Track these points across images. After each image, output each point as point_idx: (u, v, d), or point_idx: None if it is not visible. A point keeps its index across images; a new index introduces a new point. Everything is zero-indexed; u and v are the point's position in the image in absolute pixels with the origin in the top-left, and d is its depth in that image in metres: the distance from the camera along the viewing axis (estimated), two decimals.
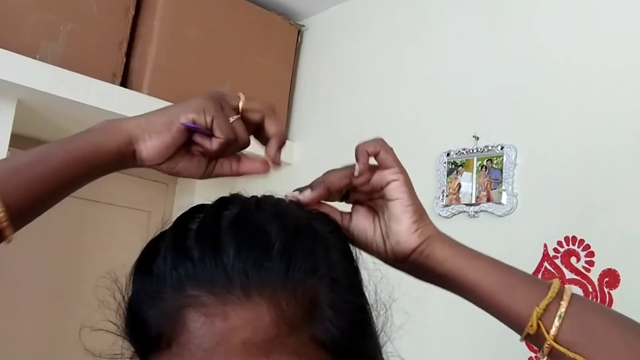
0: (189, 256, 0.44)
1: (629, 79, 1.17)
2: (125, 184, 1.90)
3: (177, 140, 0.57)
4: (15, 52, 1.34)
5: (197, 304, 0.42)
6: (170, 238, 0.47)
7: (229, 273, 0.43)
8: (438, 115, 1.48)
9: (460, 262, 0.55)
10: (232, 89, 1.73)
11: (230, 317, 0.42)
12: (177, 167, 0.59)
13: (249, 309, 0.42)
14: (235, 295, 0.42)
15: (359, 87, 1.71)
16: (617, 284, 1.09)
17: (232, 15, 1.74)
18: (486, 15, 1.45)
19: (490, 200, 1.31)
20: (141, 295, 0.46)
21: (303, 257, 0.45)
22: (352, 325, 0.46)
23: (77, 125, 1.72)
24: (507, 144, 1.32)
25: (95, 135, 0.55)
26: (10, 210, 0.48)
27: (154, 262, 0.46)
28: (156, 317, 0.44)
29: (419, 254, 0.55)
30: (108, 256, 1.80)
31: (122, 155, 0.56)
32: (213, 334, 0.41)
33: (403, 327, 0.57)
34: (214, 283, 0.42)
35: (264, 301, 0.42)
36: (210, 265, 0.43)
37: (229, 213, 0.48)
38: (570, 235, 1.18)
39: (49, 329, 1.70)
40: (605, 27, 1.23)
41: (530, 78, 1.32)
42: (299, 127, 1.85)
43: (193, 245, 0.45)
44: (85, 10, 1.50)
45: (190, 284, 0.43)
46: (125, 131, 0.56)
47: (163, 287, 0.44)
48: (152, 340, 0.44)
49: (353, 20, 1.79)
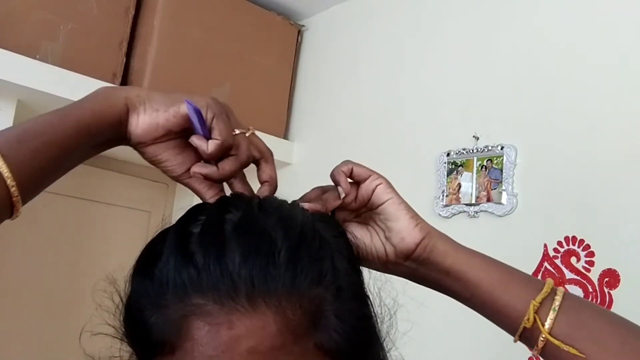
0: (192, 262, 0.43)
1: (629, 78, 1.17)
2: (125, 184, 1.90)
3: (170, 123, 0.53)
4: (15, 52, 1.34)
5: (202, 313, 0.42)
6: (173, 241, 0.46)
7: (234, 281, 0.42)
8: (438, 115, 1.48)
9: (461, 257, 0.55)
10: (232, 89, 1.73)
11: (236, 326, 0.41)
12: (161, 155, 0.55)
13: (254, 317, 0.42)
14: (240, 304, 0.42)
15: (359, 87, 1.71)
16: (617, 284, 1.09)
17: (232, 15, 1.74)
18: (486, 15, 1.45)
19: (490, 200, 1.31)
20: (142, 300, 0.45)
21: (309, 266, 0.44)
22: (357, 333, 0.46)
23: None
24: (507, 144, 1.31)
25: (96, 103, 0.53)
26: (19, 184, 0.46)
27: (155, 266, 0.45)
28: (159, 323, 0.43)
29: (423, 248, 0.55)
30: (108, 256, 1.80)
31: (120, 126, 0.53)
32: (218, 342, 0.41)
33: (407, 334, 0.57)
34: (218, 291, 0.42)
35: (270, 310, 0.42)
36: (215, 272, 0.43)
37: (232, 216, 0.47)
38: (570, 235, 1.18)
39: (48, 329, 1.70)
40: (605, 27, 1.23)
41: (530, 78, 1.32)
42: (299, 127, 1.85)
43: (196, 249, 0.44)
44: (85, 10, 1.50)
45: (194, 291, 0.42)
46: (124, 99, 0.53)
47: (166, 292, 0.43)
48: (154, 345, 0.44)
49: (353, 20, 1.79)
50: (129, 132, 0.54)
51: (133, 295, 0.47)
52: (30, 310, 1.68)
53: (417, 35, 1.60)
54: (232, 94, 1.72)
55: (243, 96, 1.75)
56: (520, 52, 1.36)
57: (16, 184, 0.45)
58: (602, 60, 1.22)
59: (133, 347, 0.47)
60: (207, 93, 1.73)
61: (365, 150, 1.58)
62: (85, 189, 1.80)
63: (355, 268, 0.51)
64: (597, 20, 1.24)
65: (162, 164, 0.56)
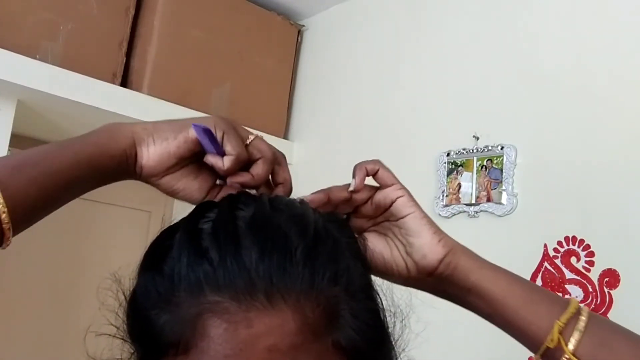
0: (207, 257, 0.42)
1: (629, 78, 1.17)
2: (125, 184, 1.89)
3: (182, 150, 0.53)
4: (15, 52, 1.34)
5: (219, 310, 0.41)
6: (183, 237, 0.45)
7: (252, 277, 0.41)
8: (438, 115, 1.48)
9: (486, 274, 0.54)
10: (232, 89, 1.73)
11: (254, 324, 0.40)
12: (176, 184, 0.54)
13: (273, 315, 0.41)
14: (258, 302, 0.41)
15: (359, 87, 1.71)
16: (617, 284, 1.09)
17: (232, 15, 1.74)
18: (486, 15, 1.45)
19: (490, 200, 1.31)
20: (151, 297, 0.44)
21: (326, 265, 0.44)
22: (371, 331, 0.46)
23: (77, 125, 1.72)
24: (507, 144, 1.32)
25: (99, 137, 0.52)
26: (12, 211, 0.45)
27: (165, 262, 0.44)
28: (171, 321, 0.42)
29: (446, 265, 0.54)
30: (108, 256, 1.80)
31: (125, 160, 0.52)
32: (237, 341, 0.40)
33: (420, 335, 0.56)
34: (235, 288, 0.41)
35: (289, 308, 0.41)
36: (231, 268, 0.41)
37: (244, 213, 0.46)
38: (570, 235, 1.18)
39: (49, 329, 1.70)
40: (605, 27, 1.23)
41: (530, 78, 1.32)
42: (299, 127, 1.85)
43: (210, 245, 0.43)
44: (85, 10, 1.49)
45: (210, 288, 0.41)
46: (130, 134, 0.53)
47: (178, 289, 0.42)
48: (164, 345, 0.42)
49: (353, 20, 1.79)
50: (139, 166, 0.53)
51: (140, 292, 0.46)
52: (30, 310, 1.68)
53: (417, 35, 1.60)
54: (232, 94, 1.72)
55: (243, 96, 1.75)
56: (521, 52, 1.36)
57: (8, 210, 0.44)
58: (602, 60, 1.22)
59: (137, 346, 0.46)
60: (207, 93, 1.73)
61: (365, 150, 1.58)
62: None
63: (365, 267, 0.51)
64: (598, 20, 1.24)
65: (179, 193, 0.55)
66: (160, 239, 0.48)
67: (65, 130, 1.62)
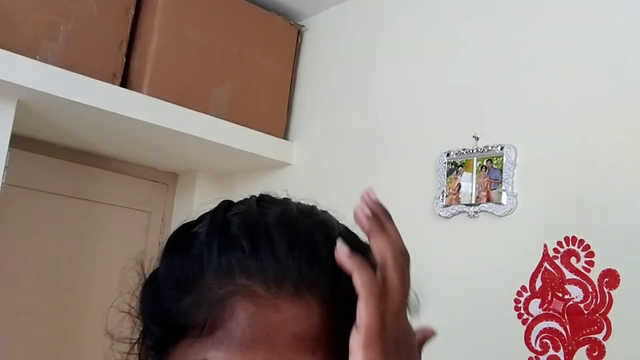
0: (238, 244, 0.43)
1: (629, 78, 1.17)
2: (125, 184, 1.90)
3: None
4: (15, 52, 1.34)
5: (248, 293, 0.41)
6: (213, 226, 0.45)
7: (282, 267, 0.42)
8: (438, 115, 1.48)
9: None
10: (232, 89, 1.73)
11: (282, 310, 0.41)
12: None
13: (300, 305, 0.42)
14: (287, 290, 0.42)
15: (358, 87, 1.71)
16: (617, 284, 1.09)
17: (232, 15, 1.74)
18: (486, 15, 1.45)
19: (490, 200, 1.31)
20: (175, 280, 0.44)
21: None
22: None
23: (77, 125, 1.73)
24: (507, 144, 1.32)
25: None
26: None
27: (192, 247, 0.45)
28: (197, 303, 0.43)
29: None
30: (108, 256, 1.80)
31: None
32: (264, 324, 0.41)
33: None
34: (266, 274, 0.42)
35: (315, 301, 0.42)
36: (263, 256, 0.42)
37: (271, 211, 0.47)
38: (570, 235, 1.18)
39: (49, 328, 1.70)
40: (605, 27, 1.23)
41: (530, 78, 1.32)
42: (299, 127, 1.85)
43: (241, 234, 0.44)
44: (85, 10, 1.50)
45: (240, 272, 0.42)
46: None
47: (208, 272, 0.43)
48: (186, 327, 0.43)
49: (353, 20, 1.79)
50: None
51: (164, 274, 0.46)
52: (30, 310, 1.68)
53: (417, 35, 1.60)
54: (232, 94, 1.72)
55: (243, 96, 1.75)
56: (521, 52, 1.36)
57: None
58: (602, 60, 1.22)
59: (155, 329, 0.46)
60: (207, 93, 1.73)
61: (365, 150, 1.58)
62: (86, 189, 1.80)
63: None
64: (597, 20, 1.24)
65: None
66: (183, 229, 0.48)
67: (65, 130, 1.62)
